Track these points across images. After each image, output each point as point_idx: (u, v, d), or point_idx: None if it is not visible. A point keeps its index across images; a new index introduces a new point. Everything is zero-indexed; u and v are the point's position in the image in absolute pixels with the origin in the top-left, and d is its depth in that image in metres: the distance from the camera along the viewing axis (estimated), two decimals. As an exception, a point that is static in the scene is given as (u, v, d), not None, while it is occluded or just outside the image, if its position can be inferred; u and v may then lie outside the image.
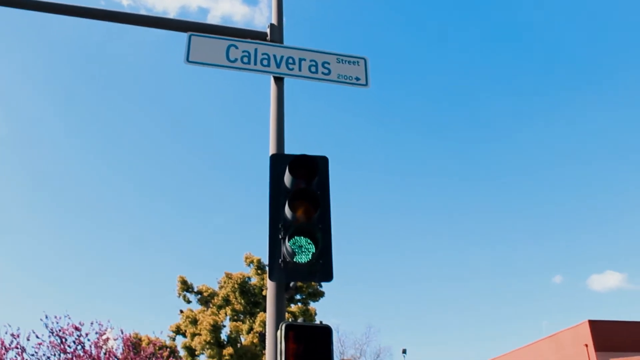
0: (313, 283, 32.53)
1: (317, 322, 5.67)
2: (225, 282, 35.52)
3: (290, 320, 5.44)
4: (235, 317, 33.55)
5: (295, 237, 5.61)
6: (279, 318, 5.78)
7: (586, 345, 39.45)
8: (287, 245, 5.53)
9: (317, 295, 33.46)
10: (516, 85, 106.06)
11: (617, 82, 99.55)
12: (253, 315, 33.56)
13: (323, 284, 33.98)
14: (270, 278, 5.75)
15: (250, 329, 31.62)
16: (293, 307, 33.70)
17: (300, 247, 5.59)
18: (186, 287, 37.42)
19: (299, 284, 31.63)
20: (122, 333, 26.81)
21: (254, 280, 35.69)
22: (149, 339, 34.90)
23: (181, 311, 37.82)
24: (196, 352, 37.22)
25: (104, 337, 26.11)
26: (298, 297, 33.17)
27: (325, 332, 5.36)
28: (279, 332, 5.30)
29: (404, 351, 41.43)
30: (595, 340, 39.17)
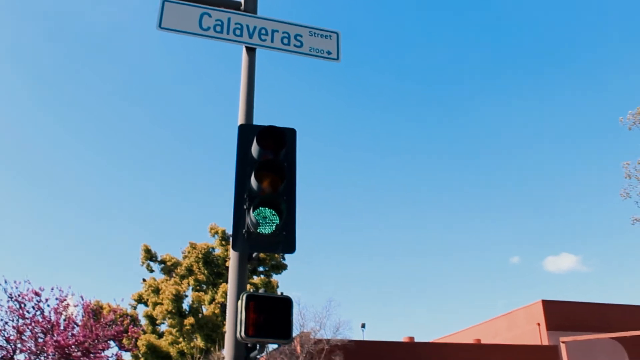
0: (276, 255, 32.69)
1: (279, 293, 5.69)
2: (189, 252, 35.48)
3: (251, 291, 5.44)
4: (198, 288, 33.60)
5: (260, 208, 5.61)
6: (240, 288, 5.80)
7: (538, 324, 40.41)
8: (252, 215, 5.53)
9: (280, 267, 33.66)
10: (484, 65, 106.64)
11: (580, 64, 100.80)
12: (216, 285, 33.63)
13: (286, 256, 34.19)
14: (233, 248, 5.75)
15: (213, 300, 31.71)
16: (255, 279, 33.86)
17: (265, 218, 5.59)
18: (150, 256, 37.28)
19: (262, 255, 31.72)
20: (82, 300, 26.65)
21: (218, 251, 35.71)
22: (110, 306, 34.75)
23: (144, 280, 37.74)
24: (157, 321, 37.23)
25: (64, 303, 25.92)
26: (261, 269, 33.31)
27: (285, 303, 5.40)
28: (239, 301, 5.31)
29: (363, 325, 41.90)
30: (547, 319, 40.14)
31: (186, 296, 35.32)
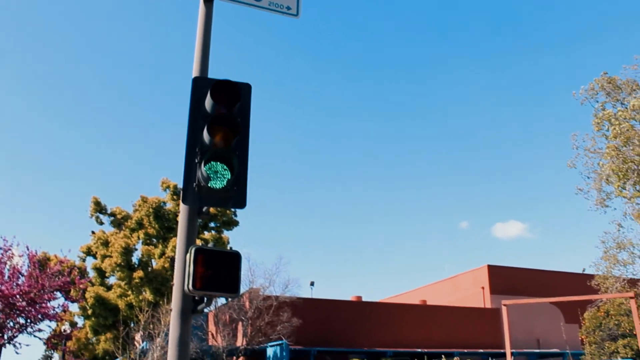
0: (227, 211, 32.63)
1: (228, 249, 5.72)
2: (140, 206, 35.09)
3: (201, 245, 5.45)
4: (148, 241, 33.37)
5: (212, 162, 5.58)
6: (189, 242, 5.80)
7: (483, 288, 41.59)
8: (203, 169, 5.50)
9: (231, 224, 33.62)
10: (442, 30, 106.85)
11: (541, 34, 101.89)
12: (166, 240, 33.46)
13: (238, 213, 34.16)
14: (183, 201, 5.73)
15: (162, 254, 31.59)
16: (206, 234, 33.80)
17: (216, 172, 5.57)
18: (99, 208, 36.76)
19: (213, 211, 31.61)
20: (27, 250, 26.25)
21: (169, 206, 35.44)
22: (57, 258, 34.29)
23: (93, 232, 37.26)
24: (106, 274, 36.93)
25: (8, 253, 25.51)
26: (212, 224, 33.25)
27: (234, 258, 5.43)
28: (188, 255, 5.33)
29: (312, 283, 42.42)
30: (491, 284, 41.35)
31: (136, 249, 35.05)
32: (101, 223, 37.39)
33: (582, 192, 24.87)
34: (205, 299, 5.56)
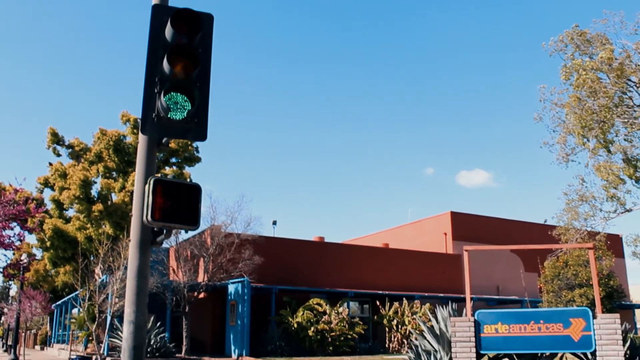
0: (189, 147, 32.34)
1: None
2: (99, 139, 34.55)
3: (160, 176, 5.35)
4: (108, 175, 33.00)
5: (172, 92, 5.43)
6: (148, 173, 5.69)
7: (445, 234, 42.32)
8: (162, 100, 5.36)
9: (193, 160, 33.40)
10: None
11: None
12: (126, 174, 33.11)
13: (200, 149, 33.86)
14: (142, 131, 5.59)
15: (122, 188, 31.31)
16: (167, 170, 33.55)
17: (176, 103, 5.43)
18: (57, 139, 36.08)
19: (174, 146, 31.37)
20: (-18, 178, 25.64)
21: (129, 139, 34.96)
22: (12, 187, 33.70)
23: (50, 164, 36.65)
24: (65, 207, 36.55)
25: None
26: (173, 160, 32.96)
27: (194, 190, 5.36)
28: (147, 186, 5.23)
29: (274, 222, 42.81)
30: (453, 230, 42.08)
31: (95, 183, 34.68)
32: (59, 155, 36.80)
33: (547, 145, 25.13)
34: (165, 230, 5.50)
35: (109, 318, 26.61)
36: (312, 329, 29.90)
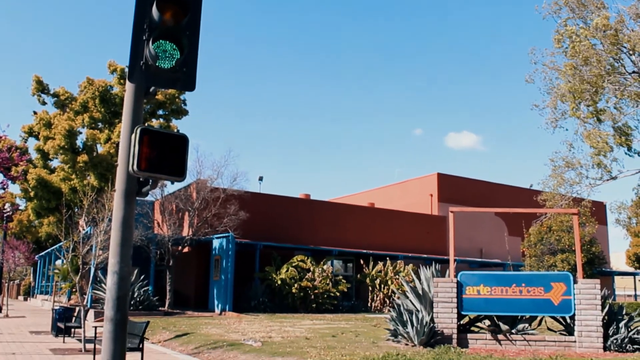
0: (177, 99, 32.00)
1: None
2: (85, 88, 34.04)
3: (147, 126, 5.23)
4: (93, 125, 32.62)
5: (160, 40, 5.27)
6: (135, 122, 5.57)
7: (431, 195, 42.47)
8: (151, 47, 5.20)
9: (180, 113, 33.04)
10: None
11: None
12: (112, 125, 32.76)
13: (187, 103, 33.52)
14: (129, 79, 5.44)
15: (108, 139, 31.00)
16: (154, 122, 33.21)
17: (165, 51, 5.27)
18: (42, 88, 35.53)
19: (162, 98, 31.02)
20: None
21: (116, 90, 34.48)
22: (-3, 135, 33.29)
23: (35, 113, 36.17)
24: (49, 157, 36.23)
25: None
26: (161, 112, 32.62)
27: (181, 141, 5.25)
28: (133, 135, 5.12)
29: (261, 178, 42.58)
30: (440, 192, 42.24)
31: (80, 133, 34.31)
32: (44, 103, 36.31)
33: (537, 108, 25.08)
34: (150, 181, 5.40)
35: (92, 270, 26.63)
36: (296, 286, 30.12)
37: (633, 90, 22.99)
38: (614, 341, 13.50)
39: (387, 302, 32.09)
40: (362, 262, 34.73)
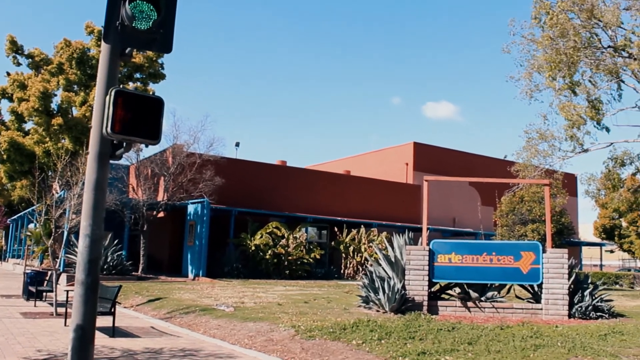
0: (154, 63, 31.60)
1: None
2: (61, 49, 33.38)
3: (121, 87, 5.19)
4: (69, 88, 32.08)
5: (137, 0, 5.23)
6: (109, 83, 5.52)
7: (407, 164, 42.70)
8: (127, 8, 5.14)
9: (158, 77, 32.62)
10: None
11: None
12: (88, 88, 32.25)
13: (165, 66, 33.14)
14: (104, 40, 5.39)
15: (84, 102, 30.56)
16: (131, 85, 32.78)
17: (142, 12, 5.22)
18: (15, 48, 34.79)
19: (139, 61, 30.61)
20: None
21: (93, 52, 33.91)
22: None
23: (8, 73, 35.49)
24: (24, 119, 35.67)
25: None
26: (137, 76, 32.19)
27: (156, 103, 5.23)
28: (107, 97, 5.09)
29: (237, 144, 42.47)
30: (415, 161, 42.48)
31: (55, 95, 33.78)
32: (18, 64, 35.60)
33: (513, 80, 25.24)
34: (124, 143, 5.39)
35: (65, 233, 26.47)
36: (270, 252, 30.28)
37: (608, 64, 23.22)
38: (579, 309, 13.86)
39: (360, 269, 32.43)
40: (336, 229, 34.96)
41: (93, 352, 5.59)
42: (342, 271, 33.89)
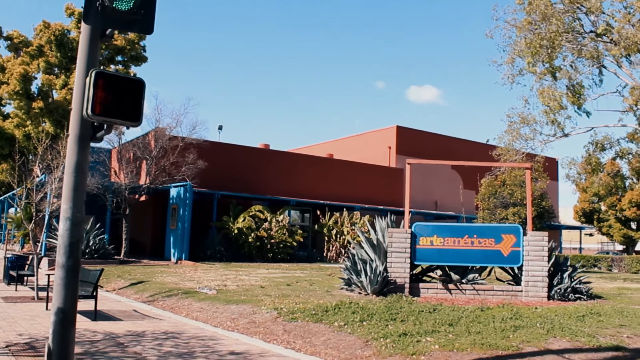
0: (136, 45, 31.30)
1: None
2: (41, 31, 32.94)
3: (102, 69, 5.16)
4: (49, 70, 31.70)
5: (118, -20, 5.18)
6: (90, 65, 5.48)
7: (389, 148, 42.80)
8: (108, -12, 5.10)
9: (140, 59, 32.31)
10: None
11: None
12: (68, 70, 31.92)
13: (147, 49, 32.85)
14: (84, 20, 5.34)
15: (65, 85, 30.24)
16: (112, 68, 32.46)
17: (122, -7, 5.18)
18: (-5, 31, 34.25)
19: (121, 43, 30.31)
20: None
21: (74, 34, 33.51)
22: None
23: (-13, 55, 34.99)
24: (2, 102, 35.25)
25: None
26: (119, 58, 31.88)
27: (137, 85, 5.20)
28: (88, 78, 5.06)
29: (220, 127, 42.31)
30: (398, 144, 42.58)
31: (35, 78, 33.37)
32: (-3, 46, 35.12)
33: (495, 64, 25.34)
34: (105, 126, 5.36)
35: (47, 217, 26.31)
36: (252, 235, 30.30)
37: (590, 49, 23.36)
38: (558, 290, 14.05)
39: (343, 252, 32.58)
40: (319, 212, 35.04)
41: (74, 335, 5.60)
42: (324, 254, 34.02)
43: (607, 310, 12.26)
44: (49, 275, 12.21)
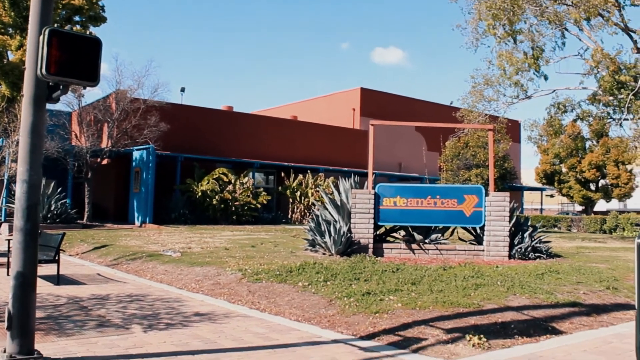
0: (95, 5, 30.47)
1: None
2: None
3: (56, 27, 5.01)
4: (3, 31, 30.65)
5: None
6: (43, 22, 5.33)
7: (354, 109, 42.82)
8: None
9: (99, 20, 31.41)
10: None
11: None
12: (24, 31, 30.87)
13: (106, 9, 31.99)
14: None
15: (20, 46, 29.34)
16: (68, 27, 31.54)
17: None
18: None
19: (79, 2, 29.41)
20: None
21: (28, -6, 32.43)
22: None
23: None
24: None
25: None
26: (77, 18, 31.01)
27: (93, 44, 5.09)
28: (41, 36, 4.92)
29: (182, 90, 41.66)
30: (362, 106, 42.61)
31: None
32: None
33: (459, 28, 25.33)
34: (61, 86, 5.24)
35: (6, 182, 25.82)
36: (217, 198, 30.20)
37: (552, 11, 23.48)
38: (519, 250, 14.35)
39: (307, 213, 32.70)
40: (283, 174, 35.06)
41: (35, 299, 5.55)
42: (289, 216, 34.13)
43: (565, 268, 12.58)
44: (9, 240, 12.00)
